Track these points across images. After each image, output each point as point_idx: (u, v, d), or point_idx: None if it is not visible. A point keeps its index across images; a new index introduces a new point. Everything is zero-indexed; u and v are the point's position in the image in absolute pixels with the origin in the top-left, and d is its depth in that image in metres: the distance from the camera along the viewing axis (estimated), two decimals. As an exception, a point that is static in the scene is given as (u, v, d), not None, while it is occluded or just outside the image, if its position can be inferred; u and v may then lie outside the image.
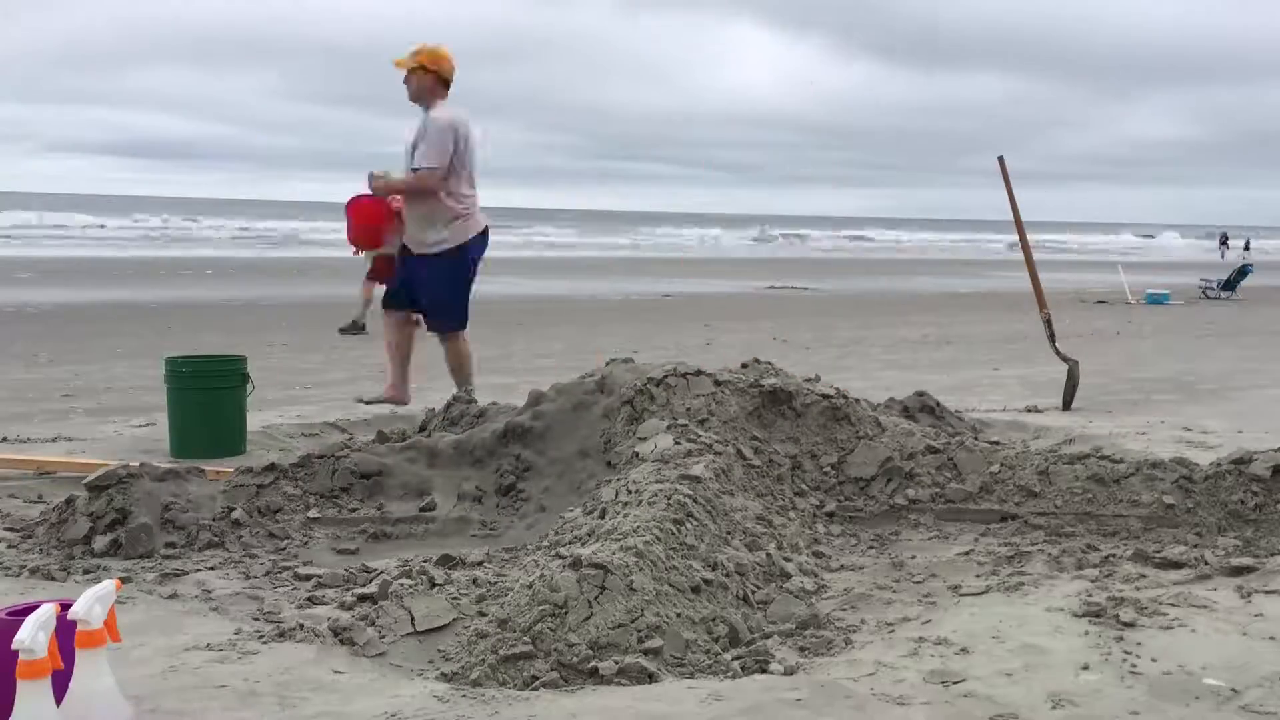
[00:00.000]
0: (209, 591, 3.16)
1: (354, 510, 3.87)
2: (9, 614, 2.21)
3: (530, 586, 2.93)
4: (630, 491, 3.55)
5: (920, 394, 5.36)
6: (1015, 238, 6.99)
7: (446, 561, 3.46)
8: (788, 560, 3.29)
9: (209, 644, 2.67)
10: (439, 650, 2.71)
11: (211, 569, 3.40)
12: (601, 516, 3.30)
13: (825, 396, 4.29)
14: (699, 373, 4.23)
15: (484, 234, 6.02)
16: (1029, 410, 6.55)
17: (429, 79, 5.76)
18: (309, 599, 3.09)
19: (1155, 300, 19.13)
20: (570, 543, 3.23)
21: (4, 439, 5.50)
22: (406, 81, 5.81)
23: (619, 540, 2.97)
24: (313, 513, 3.83)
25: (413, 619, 2.80)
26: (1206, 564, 3.26)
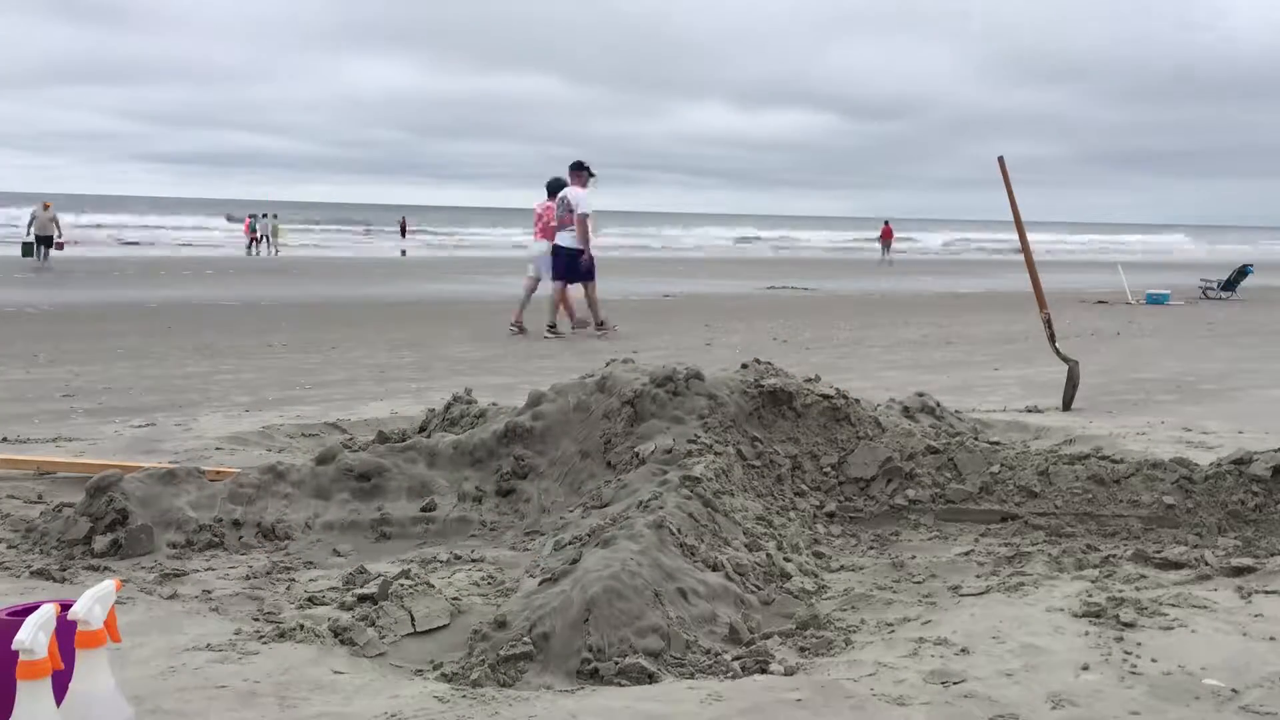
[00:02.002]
0: (209, 591, 3.15)
1: (354, 511, 3.87)
2: (9, 614, 2.21)
3: (531, 588, 2.94)
4: (631, 493, 3.55)
5: (920, 394, 5.36)
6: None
7: (447, 562, 3.46)
8: (788, 560, 3.29)
9: (209, 644, 2.67)
10: (439, 650, 2.71)
11: (211, 569, 3.40)
12: (602, 518, 3.30)
13: (825, 397, 4.29)
14: (699, 373, 4.23)
15: None
16: (1029, 410, 6.55)
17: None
18: (309, 599, 3.09)
19: (1156, 300, 19.13)
20: (571, 544, 3.23)
21: (4, 439, 5.50)
22: None
23: (620, 542, 2.97)
24: (313, 513, 3.83)
25: (413, 619, 2.79)
26: (1206, 564, 3.26)
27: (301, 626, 2.77)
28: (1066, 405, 6.64)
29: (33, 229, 25.14)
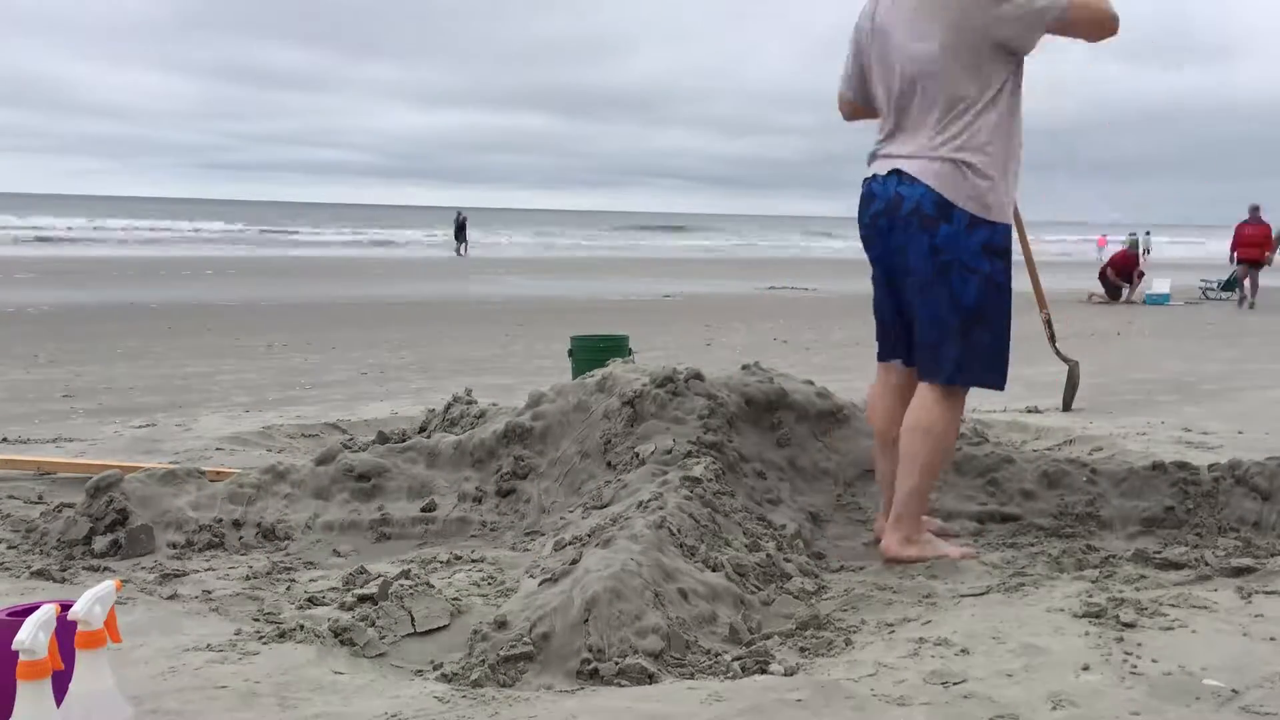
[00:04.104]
0: (209, 592, 3.15)
1: (354, 511, 3.87)
2: (9, 614, 2.21)
3: (531, 588, 2.94)
4: (631, 493, 3.55)
5: (920, 394, 5.36)
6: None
7: (447, 562, 3.46)
8: (788, 561, 3.28)
9: (209, 644, 2.67)
10: (439, 650, 2.71)
11: (211, 569, 3.40)
12: (602, 518, 3.30)
13: (825, 397, 4.29)
14: (699, 374, 4.23)
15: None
16: (1029, 411, 6.55)
17: None
18: (309, 599, 3.09)
19: (1155, 301, 19.12)
20: (571, 544, 3.23)
21: (4, 439, 5.50)
22: None
23: (620, 542, 2.97)
24: (313, 513, 3.83)
25: (413, 619, 2.79)
26: (1206, 564, 3.26)
27: (301, 627, 2.77)
28: (1066, 406, 6.65)
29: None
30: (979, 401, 6.92)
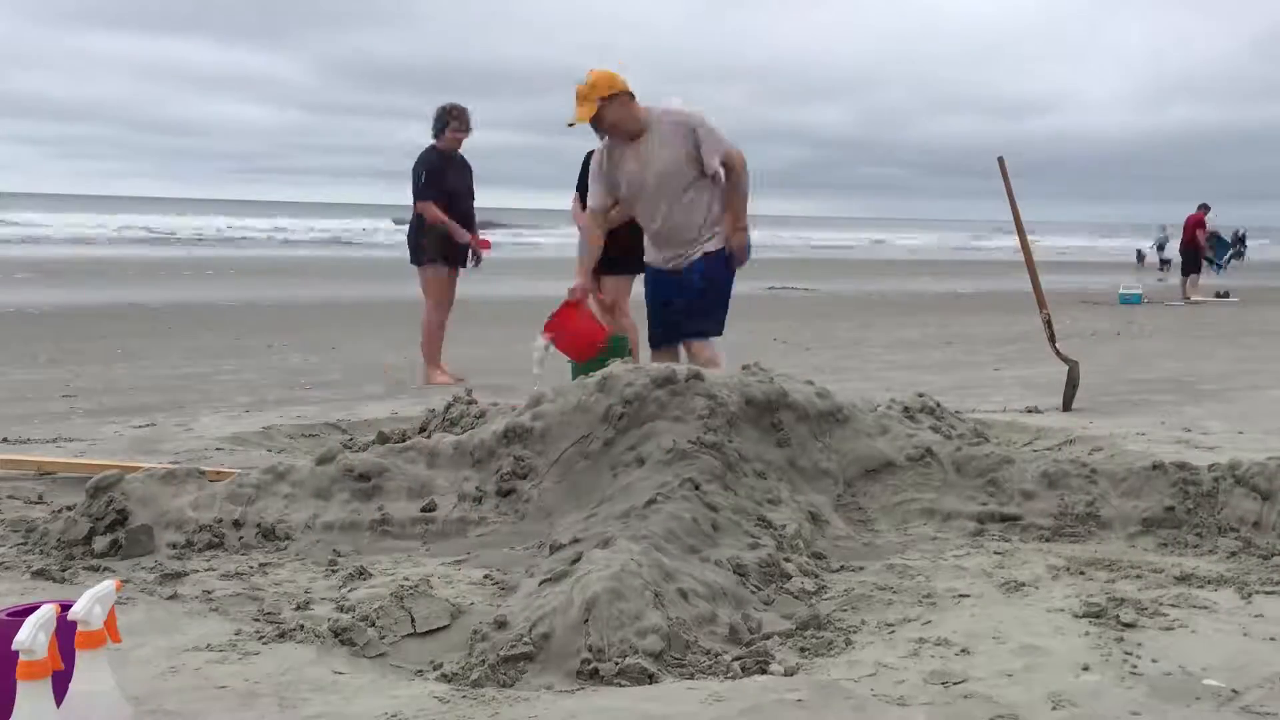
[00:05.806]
0: (209, 592, 3.15)
1: (354, 511, 3.87)
2: (9, 614, 2.21)
3: (531, 588, 2.94)
4: (631, 493, 3.56)
5: (920, 395, 5.36)
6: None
7: (447, 563, 3.46)
8: (788, 561, 3.28)
9: (209, 644, 2.67)
10: (439, 650, 2.71)
11: (211, 569, 3.40)
12: (602, 518, 3.30)
13: (825, 397, 4.29)
14: (699, 373, 4.22)
15: None
16: (1029, 411, 6.54)
17: (622, 99, 5.45)
18: (309, 599, 3.09)
19: (1128, 300, 18.91)
20: (571, 544, 3.23)
21: (4, 439, 5.50)
22: (599, 120, 5.46)
23: (620, 542, 2.97)
24: (313, 513, 3.83)
25: (413, 620, 2.79)
26: (1207, 564, 3.26)
27: (301, 627, 2.77)
28: (1066, 406, 6.64)
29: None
30: (979, 401, 6.92)
